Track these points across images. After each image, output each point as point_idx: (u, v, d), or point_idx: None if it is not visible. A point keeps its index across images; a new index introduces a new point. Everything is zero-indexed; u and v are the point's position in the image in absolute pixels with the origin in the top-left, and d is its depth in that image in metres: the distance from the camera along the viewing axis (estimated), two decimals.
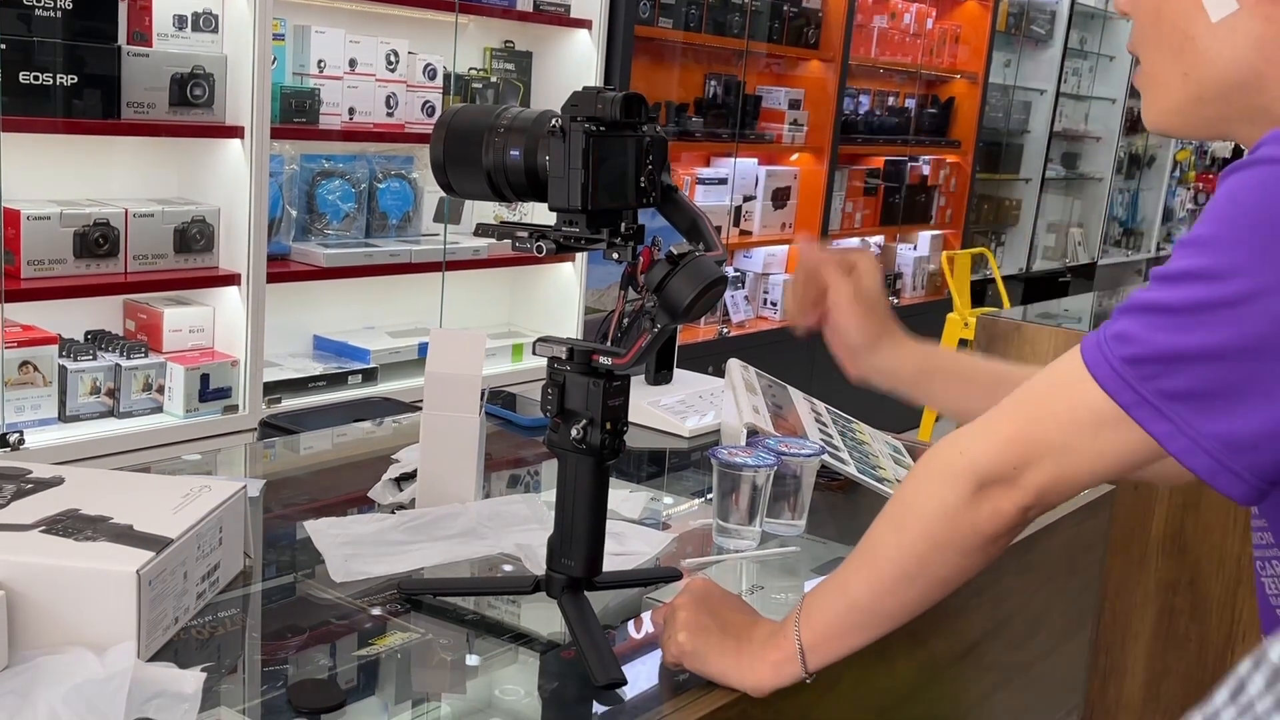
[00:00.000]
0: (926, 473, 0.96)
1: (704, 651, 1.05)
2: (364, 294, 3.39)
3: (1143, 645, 2.76)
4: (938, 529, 0.95)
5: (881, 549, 0.99)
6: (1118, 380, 0.84)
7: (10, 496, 1.09)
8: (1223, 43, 0.86)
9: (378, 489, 1.45)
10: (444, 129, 1.11)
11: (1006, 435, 0.91)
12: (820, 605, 1.02)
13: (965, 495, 0.92)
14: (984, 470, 0.91)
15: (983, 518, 0.92)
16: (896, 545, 0.98)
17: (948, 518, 0.94)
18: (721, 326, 4.57)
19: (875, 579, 0.99)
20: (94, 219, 2.66)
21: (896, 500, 1.00)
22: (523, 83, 3.70)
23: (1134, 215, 8.50)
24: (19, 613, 0.96)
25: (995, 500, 0.92)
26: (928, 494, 0.96)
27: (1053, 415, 0.89)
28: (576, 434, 1.07)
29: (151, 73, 2.69)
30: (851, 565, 1.02)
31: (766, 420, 1.62)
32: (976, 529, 0.93)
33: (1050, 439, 0.89)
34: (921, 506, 0.96)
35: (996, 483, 0.91)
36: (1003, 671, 1.48)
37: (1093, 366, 0.86)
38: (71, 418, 2.66)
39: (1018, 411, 0.92)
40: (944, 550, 0.95)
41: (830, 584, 1.03)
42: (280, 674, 1.03)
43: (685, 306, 1.05)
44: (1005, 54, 6.50)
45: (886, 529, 0.99)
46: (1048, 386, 0.91)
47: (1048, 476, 0.90)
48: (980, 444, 0.93)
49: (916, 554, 0.96)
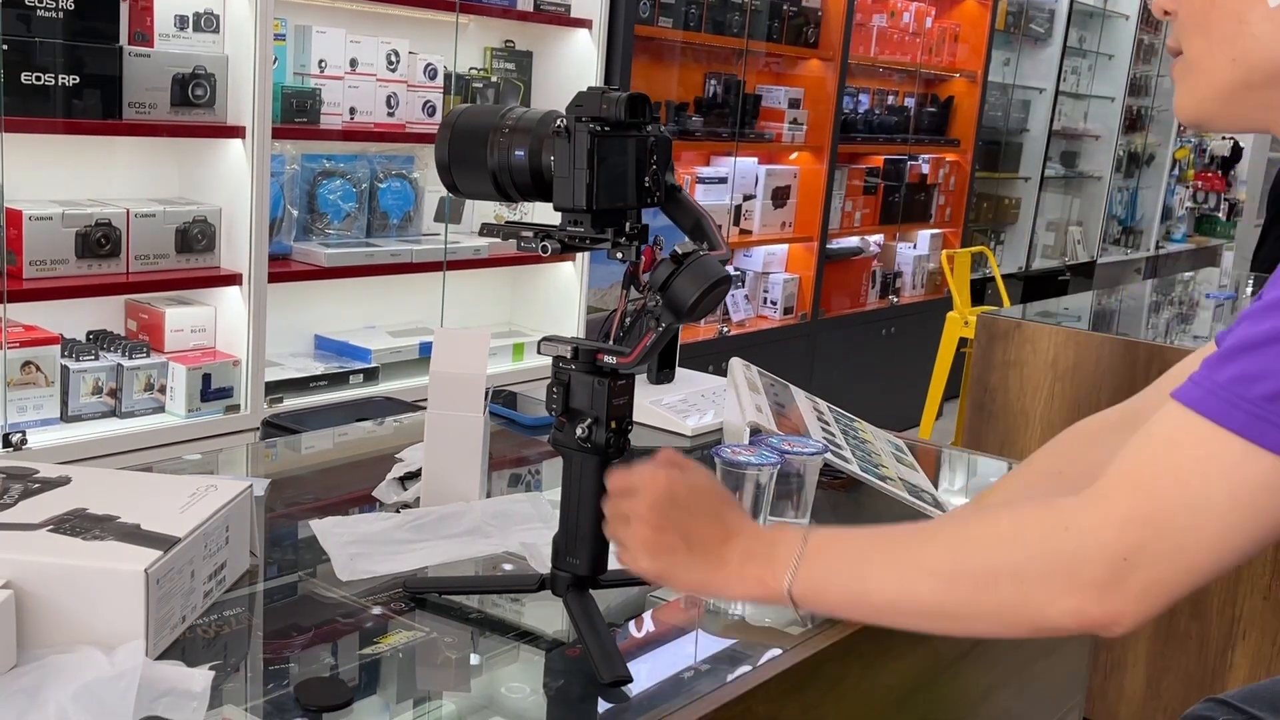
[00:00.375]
0: (1025, 538, 0.86)
1: (670, 575, 1.00)
2: (365, 294, 3.39)
3: (1143, 643, 2.77)
4: (1001, 607, 0.87)
5: (930, 575, 0.91)
6: (1262, 424, 0.76)
7: (18, 496, 1.10)
8: (1270, 29, 0.86)
9: (382, 488, 1.45)
10: (449, 129, 1.11)
11: (1122, 514, 0.82)
12: (827, 576, 0.96)
13: (1057, 592, 0.83)
14: (1093, 561, 0.82)
15: (1061, 612, 0.84)
16: (948, 587, 0.90)
17: (1022, 606, 0.86)
18: (722, 325, 4.57)
19: (904, 594, 0.93)
20: (96, 219, 2.66)
21: (974, 542, 0.89)
22: (523, 82, 3.70)
23: (1133, 214, 8.50)
24: (28, 612, 0.97)
25: (1088, 600, 0.83)
26: (1012, 568, 0.86)
27: (1178, 487, 0.79)
28: (581, 433, 1.08)
29: (153, 73, 2.69)
30: (884, 563, 0.94)
31: (769, 419, 1.63)
32: (1045, 620, 0.85)
33: (1176, 519, 0.79)
34: (997, 575, 0.86)
35: (1100, 582, 0.82)
36: (1005, 669, 1.48)
37: (1220, 417, 0.78)
38: (73, 418, 2.66)
39: (1129, 485, 0.82)
40: (991, 621, 0.89)
41: (848, 562, 0.96)
42: (286, 672, 1.04)
43: (690, 306, 1.06)
44: (1004, 53, 6.50)
45: (944, 560, 0.90)
46: (1158, 457, 0.81)
47: (1166, 570, 0.80)
48: (1091, 518, 0.83)
49: (961, 607, 0.89)
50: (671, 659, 1.14)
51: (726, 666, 1.10)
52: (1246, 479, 0.77)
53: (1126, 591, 0.82)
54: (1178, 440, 0.80)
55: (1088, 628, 0.85)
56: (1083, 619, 0.84)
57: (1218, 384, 0.79)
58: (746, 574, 0.98)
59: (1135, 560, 0.81)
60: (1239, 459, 0.77)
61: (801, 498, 1.43)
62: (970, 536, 0.90)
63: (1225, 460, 0.78)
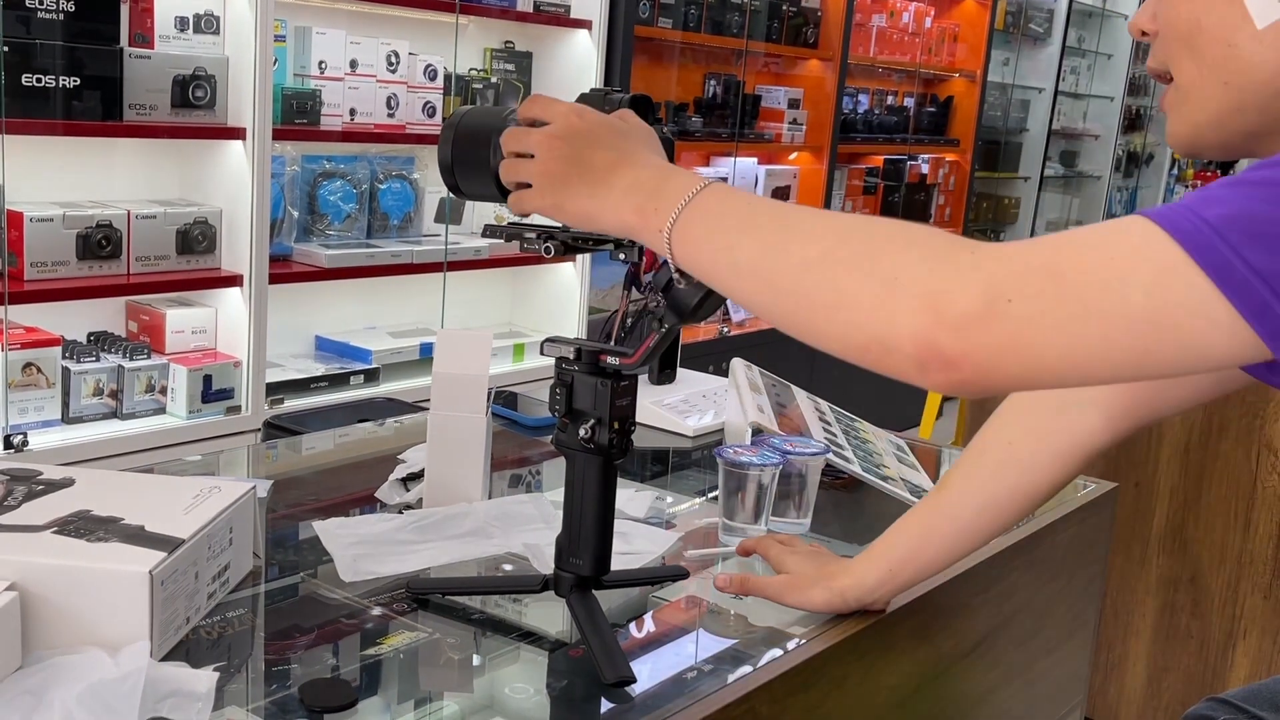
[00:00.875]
0: (926, 244, 0.80)
1: (558, 205, 0.95)
2: (366, 294, 3.40)
3: (1144, 642, 2.77)
4: (858, 299, 0.80)
5: (807, 240, 0.84)
6: (1206, 240, 0.74)
7: (22, 498, 1.10)
8: (1269, 49, 0.85)
9: (385, 489, 1.45)
10: (452, 130, 1.11)
11: (1035, 260, 0.77)
12: (707, 229, 0.88)
13: (919, 302, 0.78)
14: (975, 285, 0.77)
15: (910, 326, 0.78)
16: (819, 261, 0.83)
17: (878, 306, 0.79)
18: (722, 326, 4.57)
19: (766, 259, 0.85)
20: (96, 221, 2.66)
21: (872, 232, 0.83)
22: (523, 83, 3.71)
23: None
24: (32, 613, 0.97)
25: (944, 324, 0.77)
26: (893, 265, 0.80)
27: (1103, 263, 0.76)
28: (585, 433, 1.08)
29: (153, 74, 2.70)
30: (768, 227, 0.86)
31: (771, 419, 1.63)
32: (889, 330, 0.79)
33: (1085, 291, 0.76)
34: (874, 265, 0.80)
35: (967, 311, 0.77)
36: (1007, 668, 1.48)
37: (1167, 224, 0.75)
38: (75, 419, 2.66)
39: (1055, 243, 0.78)
40: (837, 317, 0.81)
41: (735, 219, 0.88)
42: (290, 673, 1.04)
43: (693, 307, 1.06)
44: (1004, 52, 6.51)
45: (830, 236, 0.84)
46: (1095, 234, 0.78)
47: (1040, 336, 0.76)
48: (1003, 250, 0.78)
49: (818, 287, 0.82)
50: (674, 659, 1.14)
51: (729, 666, 1.10)
52: (1171, 286, 0.74)
53: (986, 335, 0.77)
54: (1121, 228, 0.78)
55: (922, 357, 0.78)
56: (924, 343, 0.77)
57: (1178, 202, 0.77)
58: (626, 203, 0.92)
59: (1018, 308, 0.76)
60: (1173, 264, 0.74)
61: (803, 498, 1.44)
62: (873, 227, 0.84)
63: (1160, 260, 0.75)
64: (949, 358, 0.78)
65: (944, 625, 1.33)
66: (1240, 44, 0.86)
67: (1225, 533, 2.60)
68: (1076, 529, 1.59)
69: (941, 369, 0.78)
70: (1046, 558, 1.52)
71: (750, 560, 1.33)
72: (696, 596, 1.27)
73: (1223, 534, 2.60)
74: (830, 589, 1.19)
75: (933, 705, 1.34)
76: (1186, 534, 2.70)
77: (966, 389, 0.78)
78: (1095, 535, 1.67)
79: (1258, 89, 0.87)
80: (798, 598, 1.20)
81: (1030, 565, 1.48)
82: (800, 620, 1.19)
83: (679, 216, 0.89)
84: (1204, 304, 0.74)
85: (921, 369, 0.79)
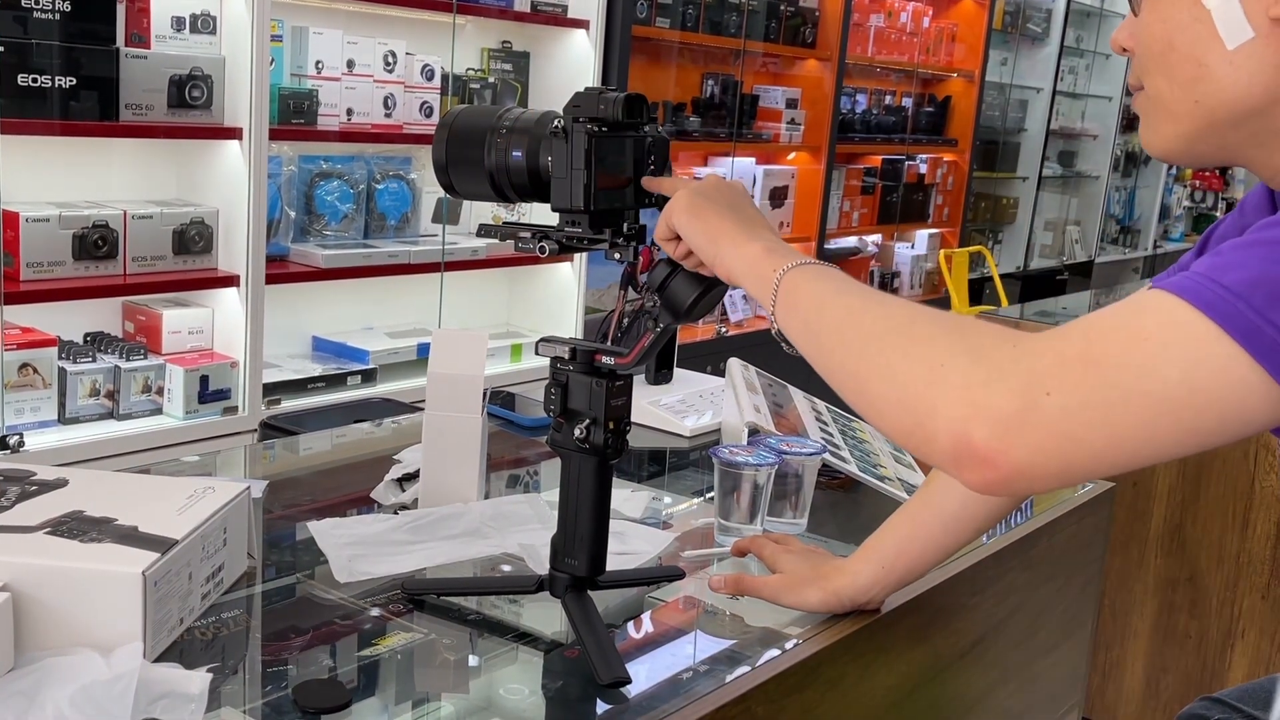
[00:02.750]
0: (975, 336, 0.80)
1: (700, 215, 1.02)
2: (363, 295, 3.39)
3: (1142, 642, 2.77)
4: (908, 382, 0.81)
5: (876, 318, 0.87)
6: (1230, 307, 0.73)
7: (15, 498, 1.09)
8: (1239, 69, 0.86)
9: (380, 489, 1.45)
10: (446, 130, 1.11)
11: (1071, 351, 0.77)
12: (809, 283, 0.94)
13: (959, 394, 0.78)
14: (1015, 379, 0.76)
15: (949, 418, 0.78)
16: (882, 337, 0.85)
17: (924, 391, 0.80)
18: (720, 326, 4.57)
19: (845, 325, 0.88)
20: (93, 221, 2.66)
21: (931, 319, 0.84)
22: (520, 83, 3.70)
23: (1131, 213, 8.51)
24: (25, 614, 0.96)
25: (981, 418, 0.76)
26: (943, 353, 0.80)
27: (1135, 344, 0.75)
28: (580, 434, 1.07)
29: (149, 74, 2.69)
30: (855, 294, 0.91)
31: (767, 419, 1.63)
32: (930, 419, 0.79)
33: (1122, 375, 0.75)
34: (927, 351, 0.81)
35: (1006, 406, 0.76)
36: (1004, 669, 1.48)
37: (1189, 295, 0.74)
38: (71, 420, 2.66)
39: (1084, 332, 0.77)
40: (889, 395, 0.82)
41: (830, 282, 0.93)
42: (284, 675, 1.03)
43: (688, 306, 1.06)
44: (1002, 52, 6.51)
45: (897, 319, 0.86)
46: (1119, 315, 0.77)
47: (1082, 428, 0.75)
48: (1040, 344, 0.78)
49: (877, 361, 0.84)
50: (670, 660, 1.13)
51: (725, 667, 1.10)
52: (1205, 359, 0.74)
53: (1024, 432, 0.76)
54: (1144, 306, 0.77)
55: (957, 452, 0.77)
56: (959, 438, 0.77)
57: (1193, 271, 0.77)
58: (758, 242, 0.98)
59: (1056, 400, 0.75)
60: (1203, 336, 0.74)
61: (800, 498, 1.43)
62: (936, 317, 0.85)
63: (1189, 333, 0.74)
64: (984, 456, 0.77)
65: (941, 625, 1.32)
66: (1211, 64, 0.87)
67: (1223, 533, 2.59)
68: (1074, 529, 1.59)
69: (976, 467, 0.77)
70: (1043, 558, 1.52)
71: (745, 560, 1.33)
72: (693, 597, 1.26)
73: (1221, 534, 2.60)
74: (825, 589, 1.19)
75: (929, 706, 1.34)
76: (1184, 534, 2.69)
77: (1005, 489, 0.78)
78: (1092, 535, 1.67)
79: (1229, 108, 0.87)
80: (793, 598, 1.20)
81: (1027, 565, 1.48)
82: (796, 620, 1.19)
83: (796, 266, 0.94)
84: (1238, 373, 0.74)
85: (956, 464, 0.79)
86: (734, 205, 1.03)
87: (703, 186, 1.05)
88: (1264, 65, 0.85)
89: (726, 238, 1.00)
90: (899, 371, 0.82)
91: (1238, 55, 0.85)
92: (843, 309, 0.90)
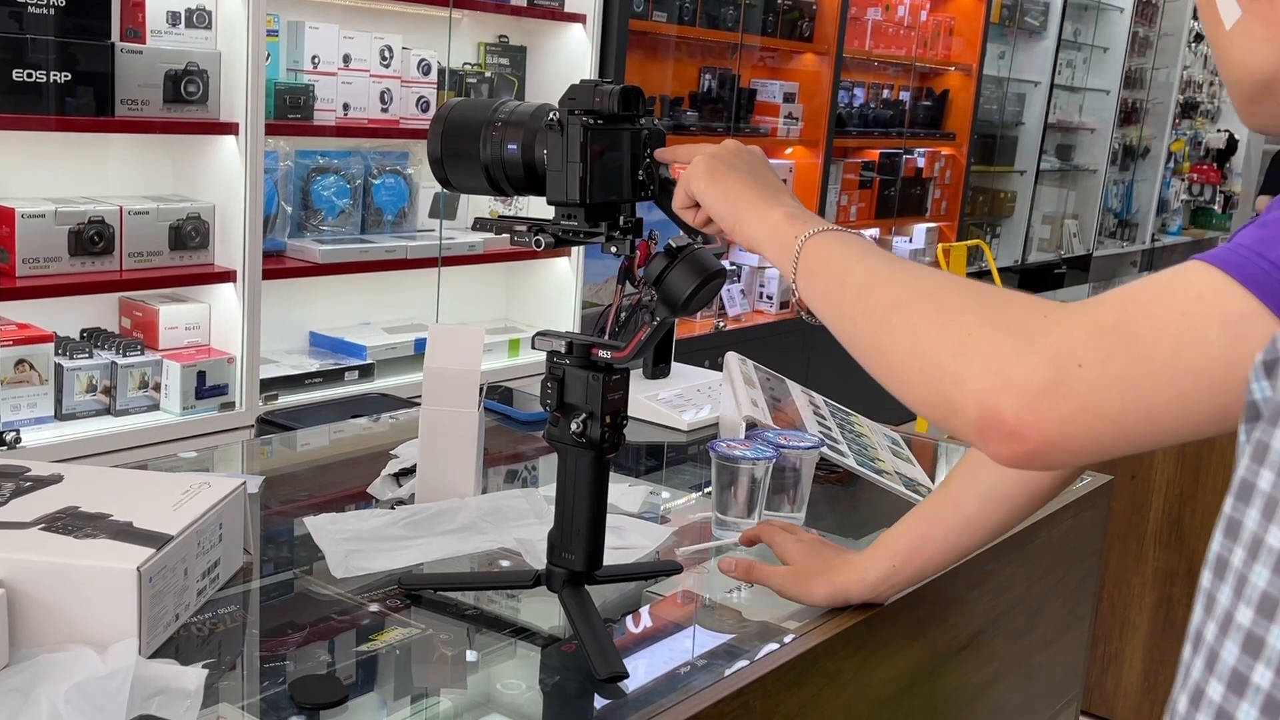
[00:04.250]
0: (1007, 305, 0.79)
1: (722, 179, 1.01)
2: (360, 290, 3.39)
3: (1141, 636, 2.77)
4: (936, 350, 0.80)
5: (907, 282, 0.85)
6: (1276, 283, 0.71)
7: (9, 494, 1.09)
8: (1240, 48, 0.86)
9: (377, 484, 1.45)
10: (441, 124, 1.11)
11: (1104, 320, 0.75)
12: (833, 247, 0.93)
13: (987, 364, 0.76)
14: (1046, 349, 0.75)
15: (976, 389, 0.76)
16: (911, 300, 0.83)
17: (952, 362, 0.78)
18: (718, 320, 4.57)
19: (872, 289, 0.87)
20: (89, 217, 2.65)
21: (962, 287, 0.83)
22: (517, 77, 3.70)
23: (1129, 206, 8.51)
24: (19, 611, 0.96)
25: (1010, 390, 0.75)
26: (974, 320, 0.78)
27: (1173, 317, 0.73)
28: (576, 428, 1.07)
29: (145, 70, 2.68)
30: (879, 259, 0.89)
31: (765, 413, 1.63)
32: (957, 390, 0.78)
33: (1159, 346, 0.72)
34: (957, 318, 0.79)
35: (1035, 378, 0.74)
36: (1002, 663, 1.48)
37: (1231, 268, 0.72)
38: (68, 416, 2.65)
39: (1120, 301, 0.75)
40: (916, 364, 0.81)
41: (855, 247, 0.92)
42: (281, 670, 1.03)
43: (684, 299, 1.05)
44: (999, 46, 6.50)
45: (927, 283, 0.84)
46: (1158, 286, 0.75)
47: (1115, 402, 0.73)
48: (1072, 314, 0.76)
49: (905, 329, 0.82)
50: (668, 654, 1.13)
51: (723, 661, 1.09)
52: (1245, 335, 0.71)
53: (1055, 405, 0.74)
54: (1186, 278, 0.74)
55: (984, 424, 0.76)
56: (988, 410, 0.75)
57: (1238, 243, 0.75)
58: (779, 209, 0.97)
59: (1089, 372, 0.73)
60: (1244, 311, 0.71)
61: (797, 492, 1.43)
62: (964, 285, 0.84)
63: (1230, 308, 0.72)
64: (1012, 428, 0.75)
65: (939, 620, 1.32)
66: (1221, 45, 0.88)
67: None
68: (1072, 522, 1.59)
69: (1004, 440, 0.76)
70: (1042, 552, 1.52)
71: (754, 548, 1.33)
72: (690, 591, 1.26)
73: None
74: (833, 584, 1.18)
75: (928, 699, 1.33)
76: (1183, 527, 2.69)
77: (1031, 462, 0.76)
78: (1091, 529, 1.66)
79: (1249, 83, 0.88)
80: (799, 592, 1.19)
81: (1025, 559, 1.48)
82: (794, 615, 1.19)
83: (818, 232, 0.93)
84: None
85: (982, 436, 0.77)
86: (754, 171, 1.02)
87: (721, 152, 1.04)
88: (1256, 41, 0.86)
89: (747, 204, 0.99)
90: (925, 341, 0.81)
91: (1235, 34, 0.87)
92: (866, 276, 0.88)
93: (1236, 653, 0.52)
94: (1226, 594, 0.54)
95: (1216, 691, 0.53)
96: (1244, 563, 0.53)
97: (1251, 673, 0.51)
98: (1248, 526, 0.53)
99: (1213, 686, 0.53)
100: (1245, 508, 0.54)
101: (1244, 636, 0.52)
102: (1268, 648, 0.51)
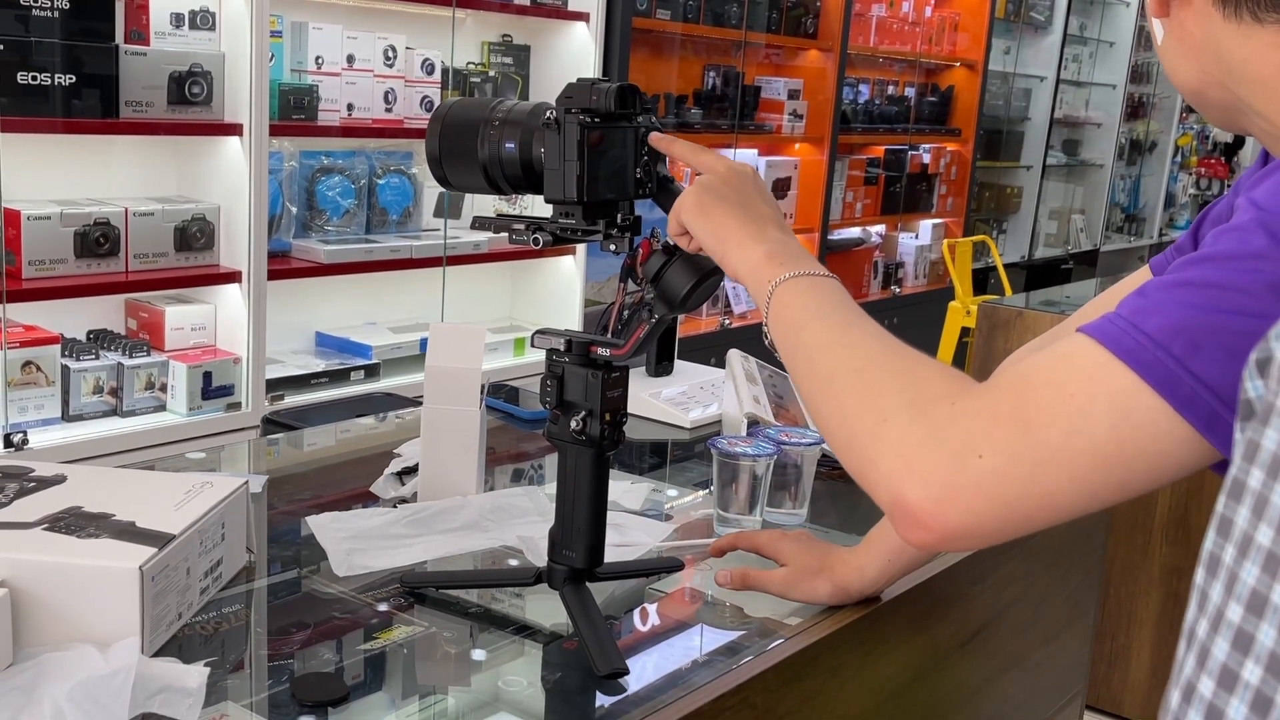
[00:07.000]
0: (925, 387, 0.81)
1: (708, 210, 1.01)
2: (365, 290, 3.39)
3: (1147, 631, 2.77)
4: (858, 426, 0.82)
5: (846, 351, 0.87)
6: (1150, 357, 0.73)
7: (12, 495, 1.10)
8: (1168, 64, 0.90)
9: (380, 483, 1.45)
10: (439, 123, 1.11)
11: (1003, 409, 0.78)
12: (802, 299, 0.94)
13: (897, 449, 0.79)
14: (950, 441, 0.77)
15: (885, 471, 0.79)
16: (845, 376, 0.86)
17: (869, 438, 0.81)
18: (723, 317, 4.57)
19: (819, 353, 0.89)
20: (94, 218, 2.66)
21: (895, 359, 0.85)
22: (521, 76, 3.70)
23: (1136, 201, 8.48)
24: (22, 610, 0.97)
25: (914, 476, 0.77)
26: (890, 404, 0.81)
27: (1061, 400, 0.75)
28: (576, 425, 1.07)
29: (149, 71, 2.69)
30: (837, 323, 0.91)
31: (767, 410, 1.63)
32: (873, 468, 0.81)
33: (1050, 432, 0.75)
34: (878, 397, 0.82)
35: (938, 468, 0.77)
36: (1006, 658, 1.48)
37: (1111, 344, 0.75)
38: (75, 417, 2.66)
39: (1019, 386, 0.78)
40: (841, 434, 0.83)
41: (822, 303, 0.93)
42: (285, 669, 1.04)
43: (682, 297, 1.05)
44: (1005, 41, 6.49)
45: (863, 353, 0.87)
46: (1050, 367, 0.78)
47: (1014, 487, 0.76)
48: (975, 402, 0.79)
49: (837, 399, 0.85)
50: (669, 650, 1.13)
51: (724, 657, 1.10)
52: (1128, 412, 0.74)
53: (957, 495, 0.76)
54: (1071, 358, 0.77)
55: (893, 511, 0.79)
56: (896, 498, 0.78)
57: (1117, 314, 0.77)
58: (762, 245, 0.98)
59: (989, 464, 0.76)
60: (1125, 388, 0.74)
61: (799, 488, 1.43)
62: (896, 357, 0.86)
63: (1112, 386, 0.74)
64: (918, 518, 0.78)
65: (941, 615, 1.32)
66: (1164, 58, 0.91)
67: None
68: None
69: (910, 527, 0.79)
70: (1044, 546, 1.52)
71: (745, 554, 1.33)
72: (692, 588, 1.26)
73: None
74: (834, 582, 1.18)
75: (930, 695, 1.33)
76: (1190, 522, 2.69)
77: (940, 547, 0.81)
78: (1093, 524, 1.66)
79: (1189, 92, 0.90)
80: (804, 592, 1.19)
81: (1027, 554, 1.48)
82: (796, 611, 1.19)
83: (789, 278, 0.95)
84: (1161, 423, 0.74)
85: (892, 520, 0.80)
86: (743, 202, 1.03)
87: (711, 181, 1.04)
88: (1178, 58, 0.89)
89: (733, 239, 1.00)
90: (850, 417, 0.84)
91: (1161, 51, 0.91)
92: (813, 338, 0.91)
93: (1227, 649, 0.53)
94: (1218, 591, 0.54)
95: (1208, 687, 0.53)
96: (1235, 560, 0.54)
97: (1241, 669, 0.52)
98: (1238, 524, 0.54)
99: (1204, 682, 0.54)
100: (1237, 505, 0.54)
101: (1234, 633, 0.53)
102: (1257, 644, 0.51)
